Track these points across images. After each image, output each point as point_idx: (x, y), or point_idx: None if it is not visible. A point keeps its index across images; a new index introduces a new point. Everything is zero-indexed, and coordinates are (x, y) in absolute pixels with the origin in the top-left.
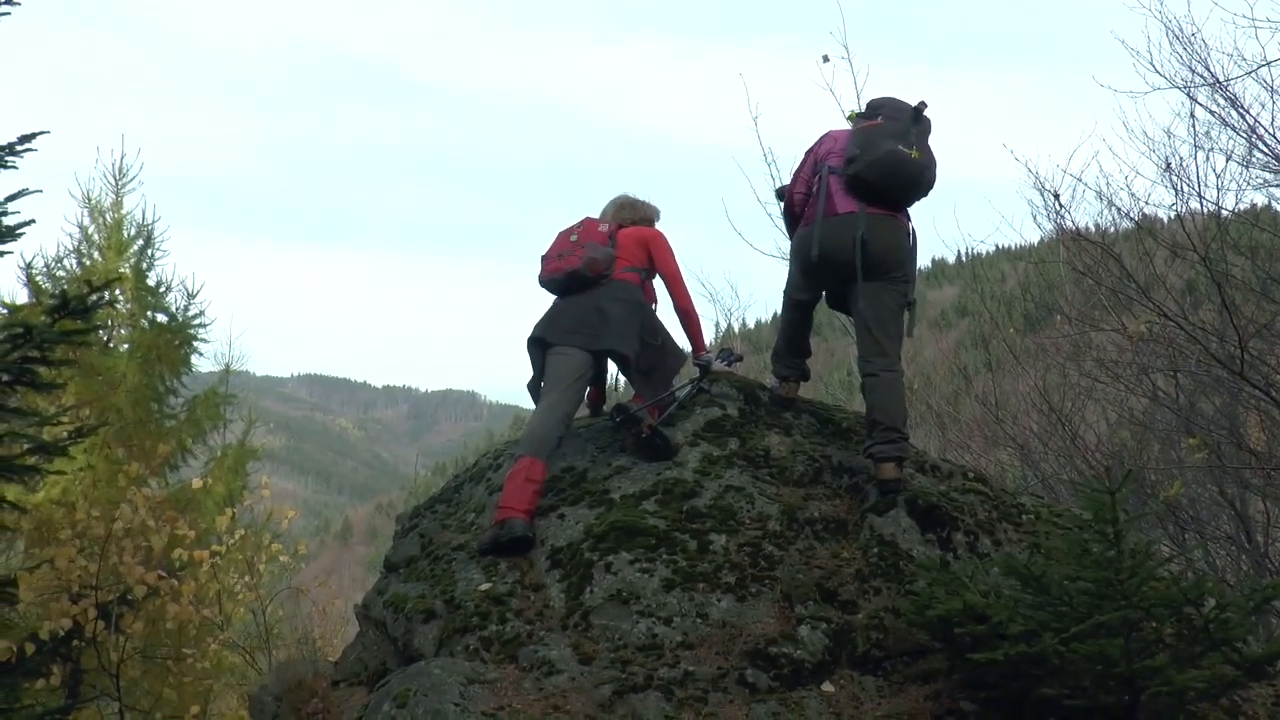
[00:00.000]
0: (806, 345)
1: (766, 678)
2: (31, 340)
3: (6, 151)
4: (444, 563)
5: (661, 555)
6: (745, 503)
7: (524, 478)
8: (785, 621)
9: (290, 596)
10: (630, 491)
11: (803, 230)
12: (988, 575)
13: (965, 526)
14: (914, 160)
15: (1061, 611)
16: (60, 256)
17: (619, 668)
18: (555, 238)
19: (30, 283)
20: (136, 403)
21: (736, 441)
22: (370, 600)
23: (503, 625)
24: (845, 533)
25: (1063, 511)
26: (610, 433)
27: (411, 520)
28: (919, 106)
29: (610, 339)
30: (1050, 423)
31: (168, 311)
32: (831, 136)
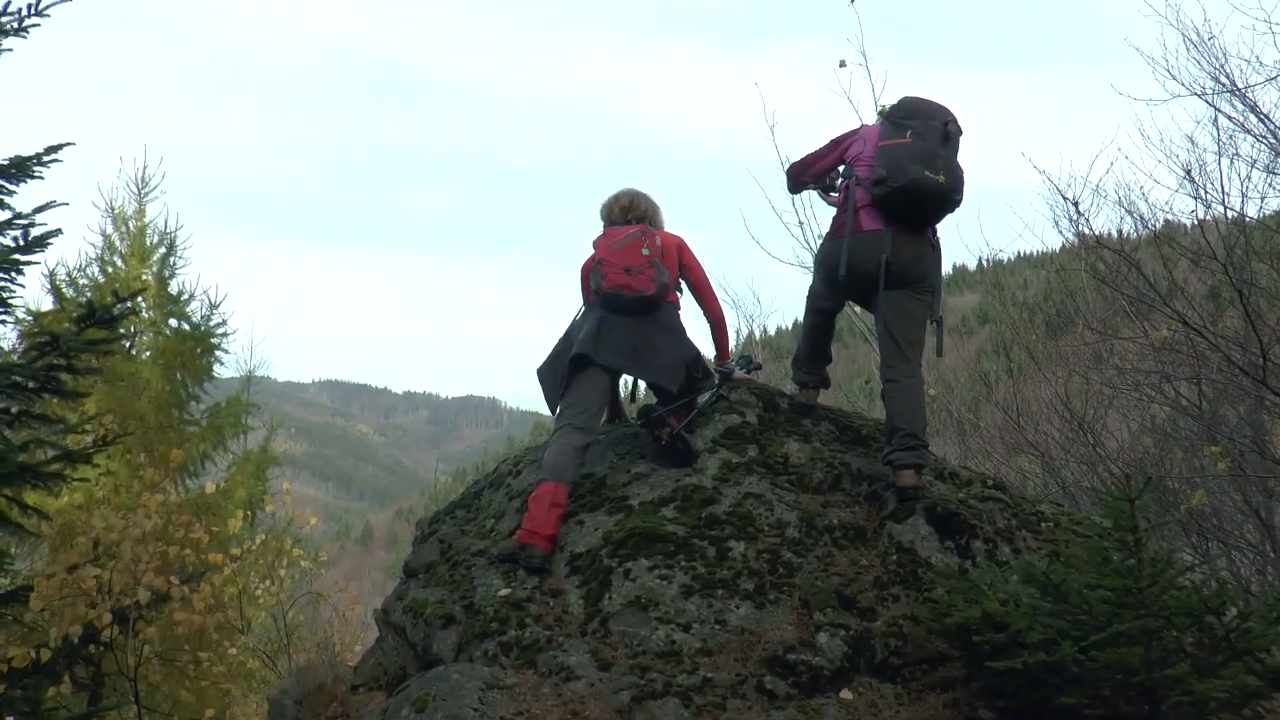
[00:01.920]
0: (828, 352)
1: (785, 685)
2: (58, 348)
3: (34, 163)
4: (463, 568)
5: (680, 562)
6: (764, 509)
7: (549, 502)
8: (804, 628)
9: (310, 601)
10: (649, 498)
11: (829, 244)
12: (1007, 583)
13: (984, 534)
14: (940, 185)
15: (1081, 620)
16: (83, 264)
17: (638, 674)
18: (610, 237)
19: (54, 290)
20: (159, 409)
21: (756, 448)
22: (390, 605)
23: (522, 631)
24: (864, 540)
25: (1082, 519)
26: (629, 439)
27: (431, 526)
28: (946, 124)
29: (659, 373)
30: (1072, 430)
31: (189, 319)
32: (861, 137)
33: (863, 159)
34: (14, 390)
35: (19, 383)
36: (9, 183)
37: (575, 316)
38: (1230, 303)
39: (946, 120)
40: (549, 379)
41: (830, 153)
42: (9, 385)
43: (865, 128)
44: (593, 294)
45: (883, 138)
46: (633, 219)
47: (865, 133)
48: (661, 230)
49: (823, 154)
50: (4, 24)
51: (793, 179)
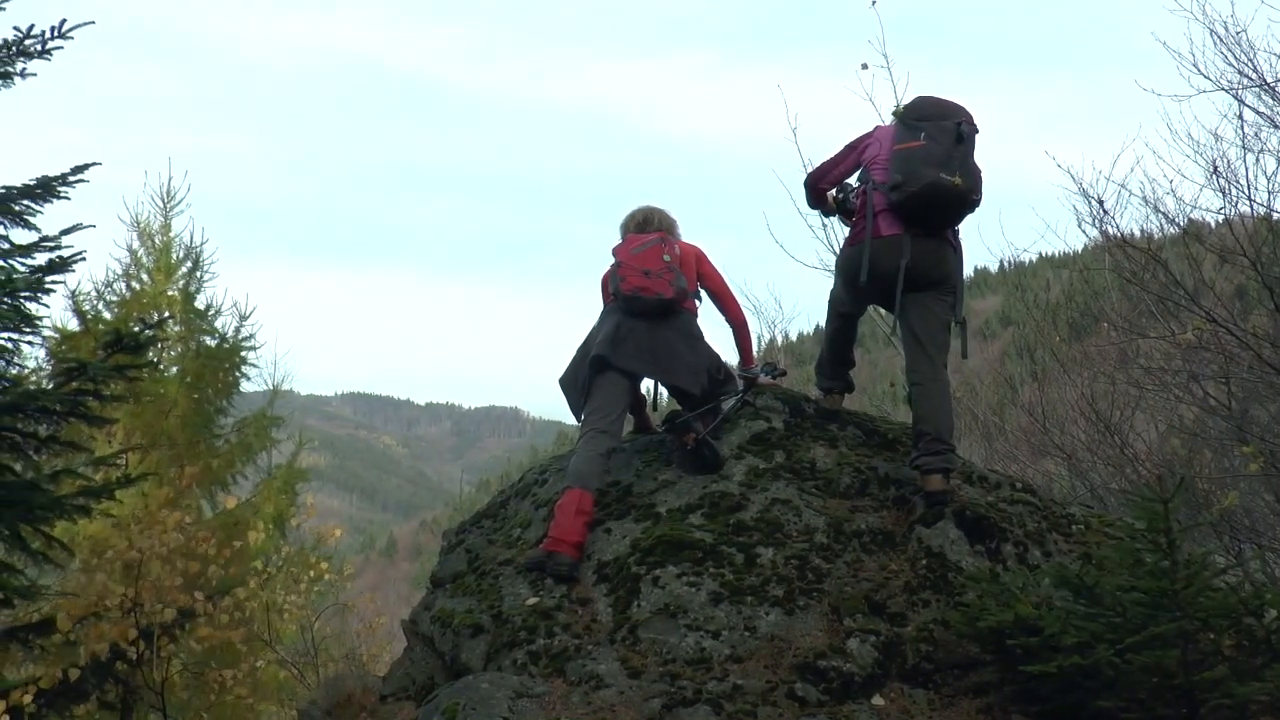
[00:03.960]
0: (850, 356)
1: (816, 691)
2: (85, 374)
3: (59, 183)
4: (491, 578)
5: (709, 568)
6: (792, 515)
7: (575, 509)
8: (834, 634)
9: (338, 613)
10: (676, 505)
11: (850, 250)
12: (1038, 586)
13: (1014, 537)
14: (956, 188)
15: (1115, 623)
16: (110, 280)
17: (668, 681)
18: (630, 242)
19: (77, 310)
20: (186, 427)
21: (782, 454)
22: (417, 615)
23: (550, 639)
24: (893, 545)
25: (1113, 521)
26: (655, 447)
27: (458, 536)
28: (960, 125)
29: (681, 375)
30: (1099, 432)
31: (217, 334)
32: (877, 140)
33: (878, 163)
34: (41, 415)
35: (47, 407)
36: (35, 203)
37: (594, 325)
38: (1259, 300)
39: (960, 121)
40: (571, 386)
41: (847, 157)
42: (37, 410)
43: (880, 129)
44: (611, 298)
45: (897, 141)
46: (650, 232)
47: (880, 135)
48: (680, 240)
49: (839, 159)
50: (28, 47)
51: (811, 189)
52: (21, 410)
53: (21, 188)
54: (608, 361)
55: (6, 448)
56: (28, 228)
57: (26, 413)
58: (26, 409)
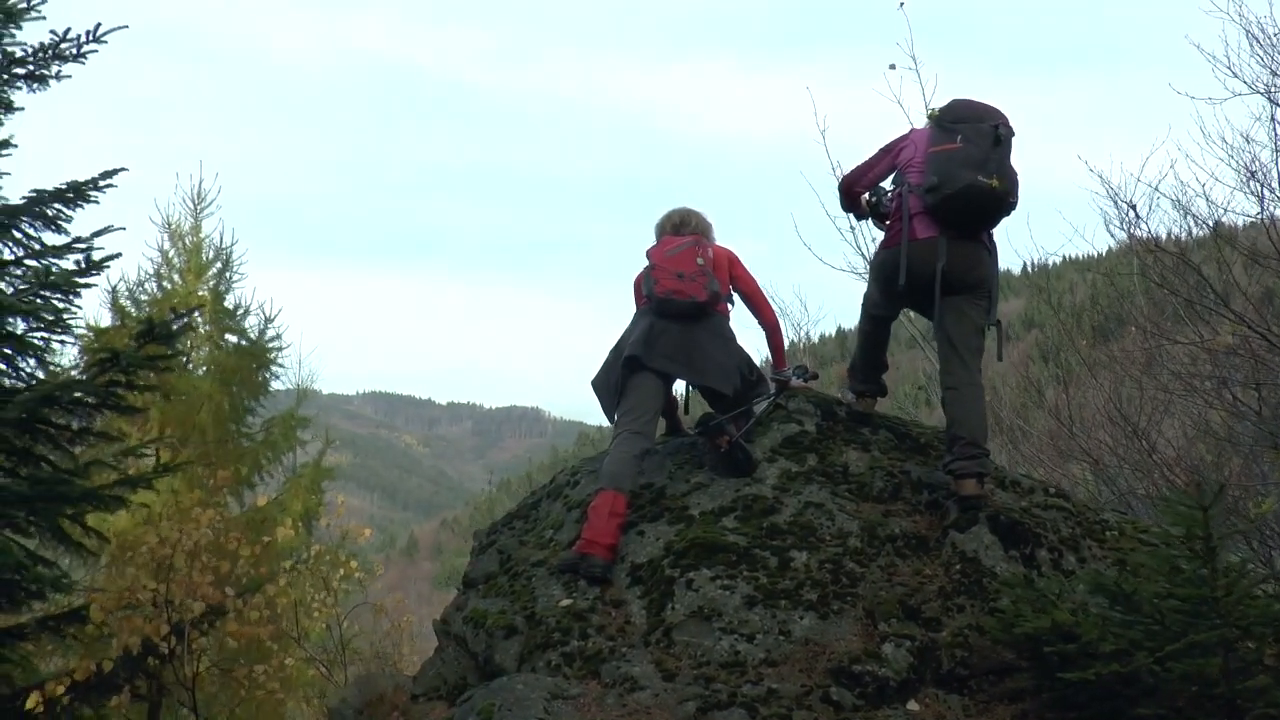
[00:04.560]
0: (884, 360)
1: (851, 696)
2: (118, 365)
3: (90, 188)
4: (523, 579)
5: (742, 572)
6: (825, 519)
7: (608, 511)
8: (868, 639)
9: (365, 612)
10: (709, 508)
11: (885, 253)
12: (1073, 593)
13: (1048, 543)
14: (994, 190)
15: (1153, 630)
16: (142, 280)
17: (702, 684)
18: (664, 244)
19: (115, 306)
20: (217, 424)
21: (815, 457)
22: (449, 616)
23: (584, 641)
24: (926, 549)
25: (1147, 528)
26: (687, 449)
27: (489, 537)
28: (997, 127)
29: (713, 376)
30: (1125, 436)
31: (245, 334)
32: (912, 143)
33: (914, 165)
34: (75, 406)
35: (80, 399)
36: (67, 207)
37: (627, 327)
38: None
39: (997, 123)
40: (604, 388)
41: (881, 160)
42: (71, 402)
43: (915, 132)
44: (644, 300)
45: (933, 143)
46: (686, 234)
47: (915, 137)
48: (714, 244)
49: (874, 162)
50: (64, 50)
51: (845, 193)
52: (56, 402)
53: (53, 191)
54: (641, 362)
55: (42, 440)
56: (59, 231)
57: (61, 405)
58: (61, 401)
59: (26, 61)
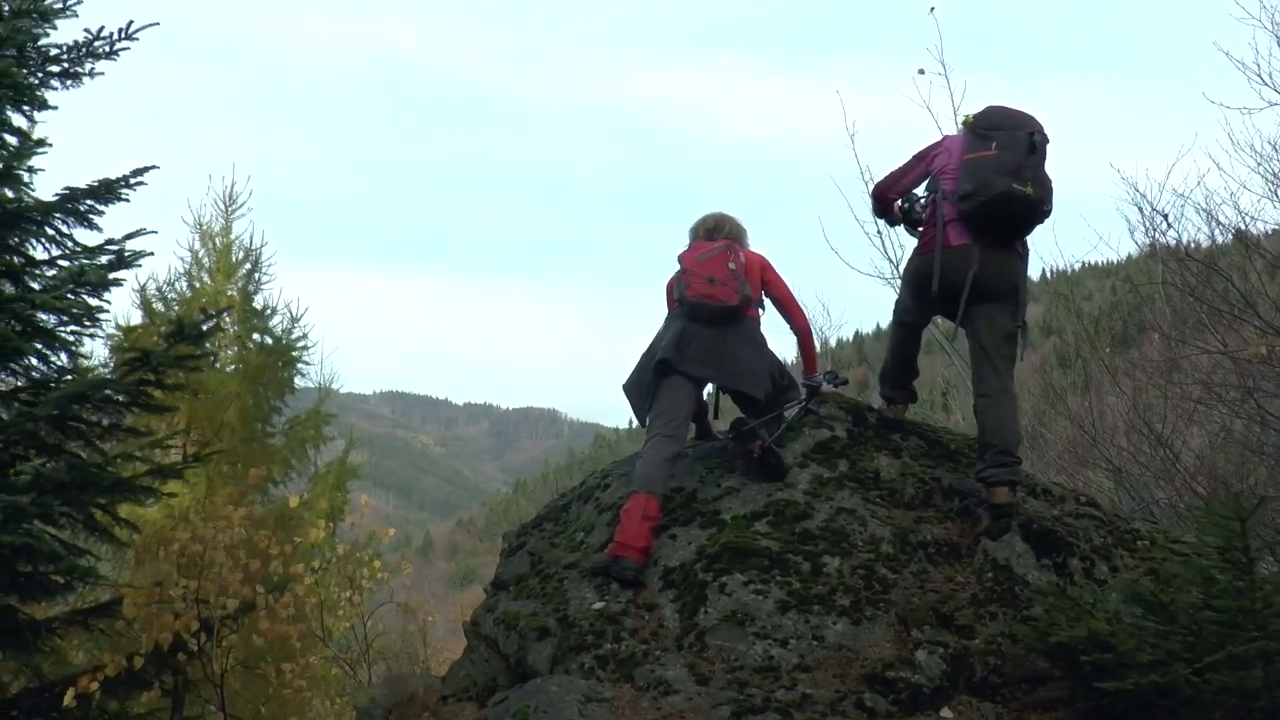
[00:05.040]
0: (915, 366)
1: (885, 702)
2: (148, 364)
3: (121, 185)
4: (555, 581)
5: (775, 577)
6: (857, 525)
7: (640, 514)
8: (902, 645)
9: (389, 611)
10: (741, 512)
11: (919, 259)
12: (1106, 602)
13: (1081, 552)
14: (1029, 198)
15: (1190, 641)
16: (171, 279)
17: (736, 689)
18: (696, 249)
19: (144, 305)
20: (244, 422)
21: (846, 463)
22: (480, 617)
23: (618, 644)
24: (958, 556)
25: (1179, 538)
26: (718, 454)
27: (519, 538)
28: (1032, 134)
29: (745, 380)
30: (1149, 443)
31: (271, 334)
32: (946, 150)
33: (948, 172)
34: (106, 404)
35: (110, 397)
36: (99, 204)
37: (659, 331)
38: None
39: (1032, 130)
40: (635, 392)
41: (915, 167)
42: (101, 399)
43: (949, 139)
44: (676, 304)
45: (967, 150)
46: (718, 239)
47: (949, 144)
48: (746, 249)
49: (907, 169)
50: (97, 48)
51: (878, 199)
52: (87, 399)
53: (85, 189)
54: (673, 366)
55: (73, 436)
56: (91, 228)
57: (93, 402)
58: (92, 398)
59: (60, 59)
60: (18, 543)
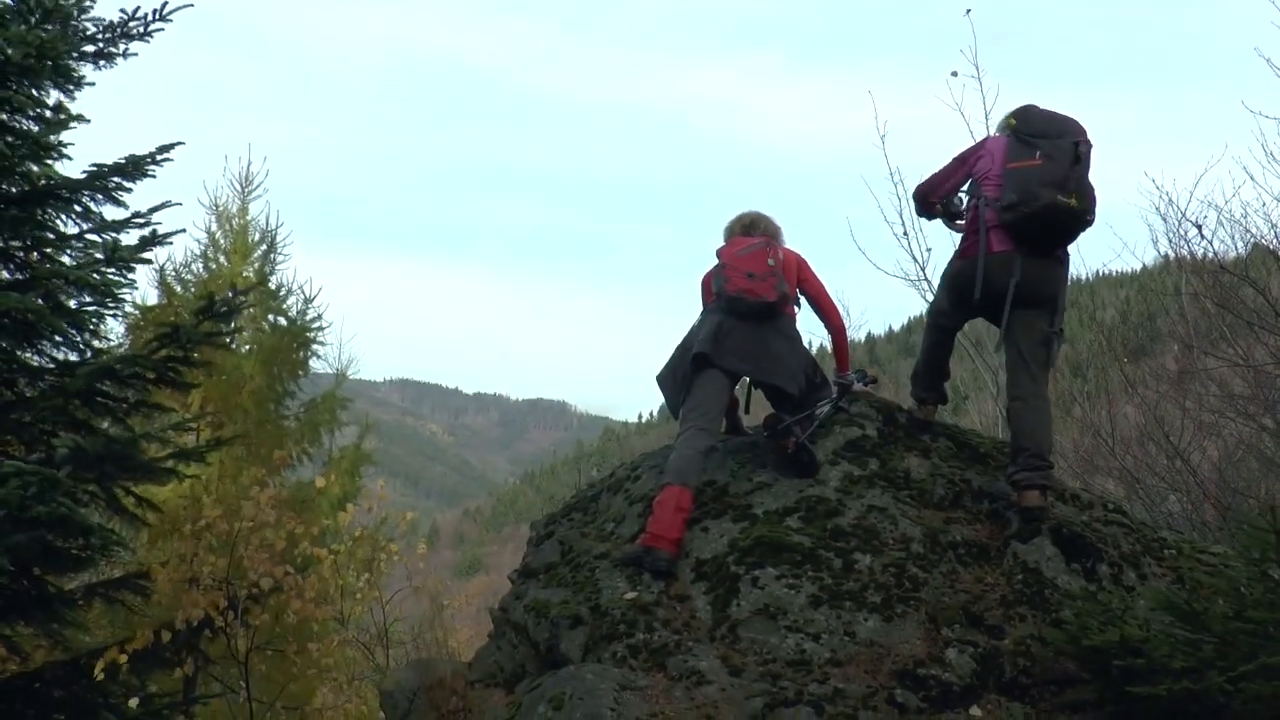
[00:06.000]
0: (947, 368)
1: (916, 699)
2: (177, 340)
3: (148, 162)
4: (586, 570)
5: (807, 572)
6: (888, 523)
7: (674, 506)
8: (932, 643)
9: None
10: (773, 507)
11: (961, 263)
12: (1134, 608)
13: (1109, 558)
14: (1072, 210)
15: (1222, 650)
16: (188, 261)
17: (769, 681)
18: (735, 245)
19: (163, 285)
20: (259, 404)
21: (876, 462)
22: (509, 604)
23: (650, 634)
24: (988, 558)
25: (1205, 548)
26: (748, 449)
27: (546, 527)
28: (1077, 144)
29: (780, 375)
30: (1165, 454)
31: (287, 315)
32: (989, 153)
33: (990, 178)
34: (134, 380)
35: (139, 373)
36: (126, 180)
37: (694, 324)
38: None
39: (1077, 140)
40: (670, 384)
41: (957, 171)
42: (130, 375)
43: (990, 141)
44: (714, 298)
45: (1011, 158)
46: (755, 235)
47: (991, 147)
48: (783, 246)
49: (949, 173)
50: (131, 29)
51: (920, 201)
52: (115, 375)
53: (112, 166)
54: (709, 359)
55: (102, 413)
56: (118, 205)
57: (121, 378)
58: (120, 374)
59: (96, 39)
60: (53, 514)
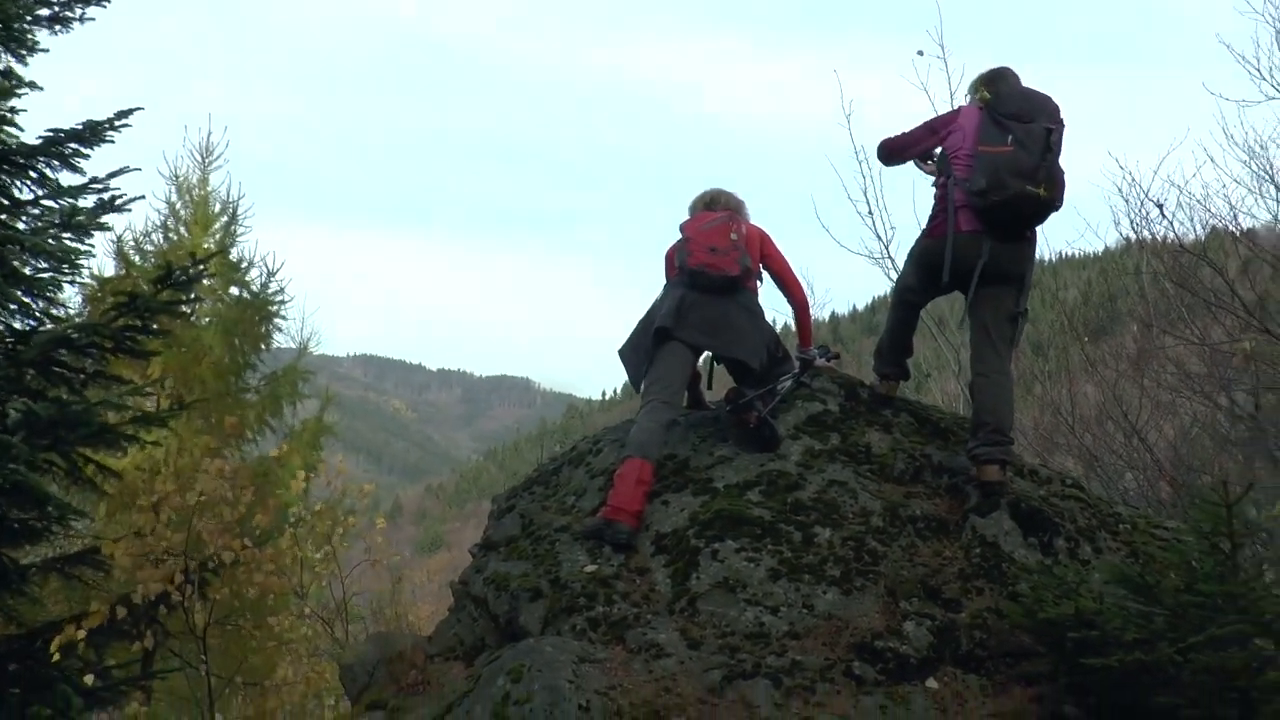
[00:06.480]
0: (910, 344)
1: (873, 671)
2: (135, 309)
3: (105, 127)
4: (546, 543)
5: (767, 545)
6: (848, 498)
7: (635, 479)
8: (890, 616)
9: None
10: (734, 481)
11: (929, 242)
12: (1089, 582)
13: (1066, 532)
14: (1041, 199)
15: (1173, 622)
16: (148, 231)
17: (727, 654)
18: (699, 219)
19: (120, 255)
20: (219, 376)
21: (838, 437)
22: (469, 577)
23: (609, 607)
24: (946, 532)
25: (1160, 523)
26: (710, 423)
27: (508, 501)
28: (1050, 131)
29: (742, 349)
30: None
31: (249, 288)
32: (960, 128)
33: (960, 156)
34: (90, 349)
35: (96, 342)
36: (83, 146)
37: (657, 298)
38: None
39: (1050, 126)
40: (631, 357)
41: (927, 139)
42: (87, 344)
43: (964, 114)
44: (676, 272)
45: (983, 140)
46: (718, 210)
47: (964, 122)
48: (746, 222)
49: (919, 139)
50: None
51: (885, 153)
52: (71, 344)
53: (69, 131)
54: (671, 333)
55: (57, 381)
56: (75, 170)
57: (77, 346)
58: (76, 343)
59: (51, 2)
60: (7, 481)
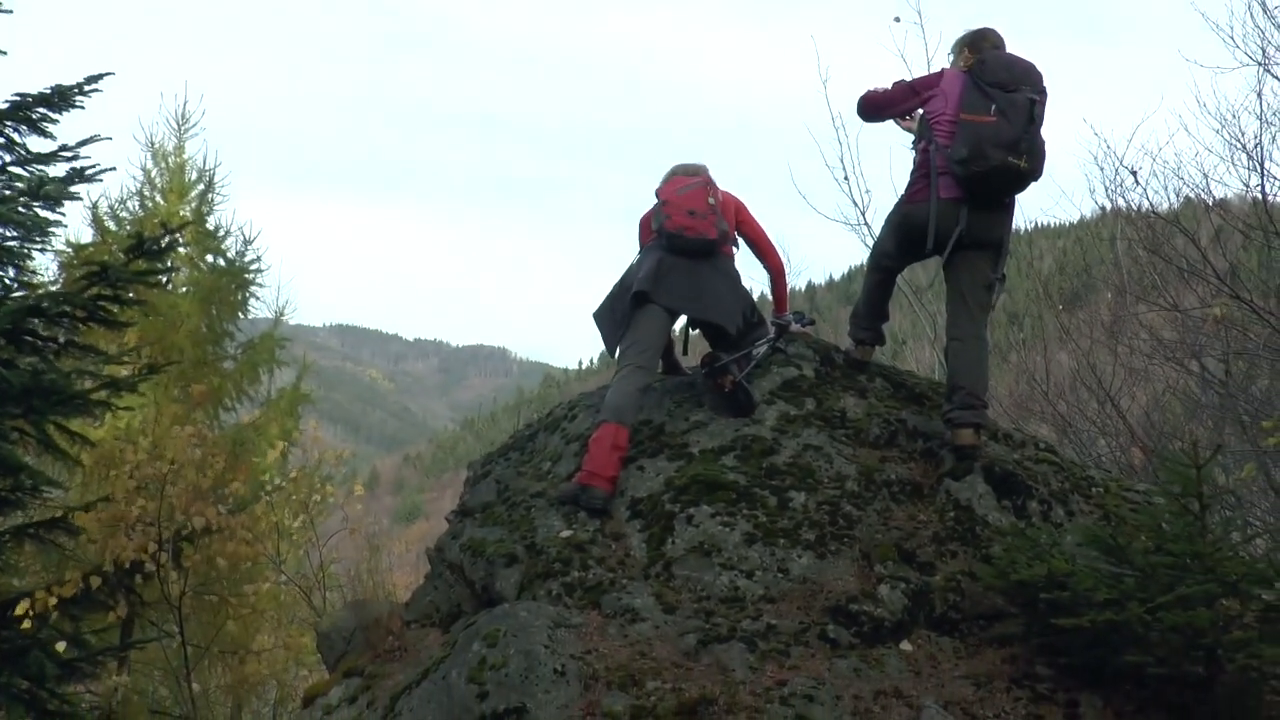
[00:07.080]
0: (886, 310)
1: (848, 634)
2: (106, 279)
3: (75, 92)
4: (522, 509)
5: (742, 510)
6: (823, 462)
7: (610, 444)
8: (865, 580)
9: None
10: (709, 446)
11: (909, 208)
12: (1062, 543)
13: (1039, 495)
14: (1022, 171)
15: (1143, 582)
16: (124, 199)
17: (702, 618)
18: (675, 183)
19: (96, 223)
20: (195, 344)
21: (813, 402)
22: (445, 543)
23: (585, 572)
24: (921, 496)
25: (1131, 486)
26: (686, 388)
27: (483, 467)
28: (1034, 102)
29: (718, 313)
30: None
31: (225, 256)
32: (943, 93)
33: (942, 123)
34: (61, 318)
35: (67, 311)
36: (52, 112)
37: (632, 262)
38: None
39: (1033, 97)
40: (607, 320)
41: (909, 99)
42: (59, 314)
43: (947, 76)
44: (653, 235)
45: (965, 108)
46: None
47: (946, 87)
48: (726, 193)
49: (900, 98)
50: None
51: (865, 108)
52: (42, 313)
53: (37, 95)
54: (648, 297)
55: (27, 351)
56: (45, 136)
57: (48, 316)
58: (47, 312)
59: None
60: None
